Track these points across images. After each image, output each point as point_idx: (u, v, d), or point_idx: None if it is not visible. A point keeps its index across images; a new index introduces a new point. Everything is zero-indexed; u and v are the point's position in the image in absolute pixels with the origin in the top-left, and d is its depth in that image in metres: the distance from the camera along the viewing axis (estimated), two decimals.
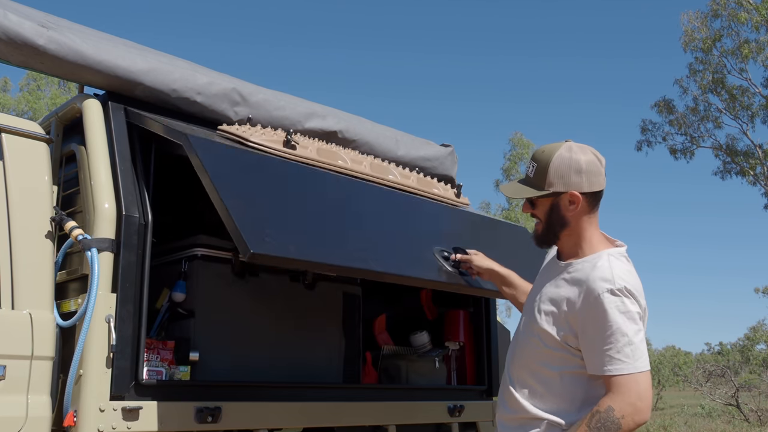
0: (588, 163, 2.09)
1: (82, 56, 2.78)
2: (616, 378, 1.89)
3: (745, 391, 20.96)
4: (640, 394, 1.88)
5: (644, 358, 1.92)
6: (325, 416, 3.03)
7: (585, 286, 2.00)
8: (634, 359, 1.90)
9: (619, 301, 1.95)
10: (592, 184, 2.09)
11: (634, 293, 1.98)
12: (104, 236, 2.56)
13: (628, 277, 2.01)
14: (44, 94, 25.21)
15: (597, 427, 1.87)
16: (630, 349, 1.91)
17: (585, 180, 2.09)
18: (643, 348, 1.94)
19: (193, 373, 2.80)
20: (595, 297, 1.96)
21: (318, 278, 3.36)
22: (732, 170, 24.49)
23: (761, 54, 22.44)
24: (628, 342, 1.91)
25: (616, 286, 1.96)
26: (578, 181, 2.09)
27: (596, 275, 1.99)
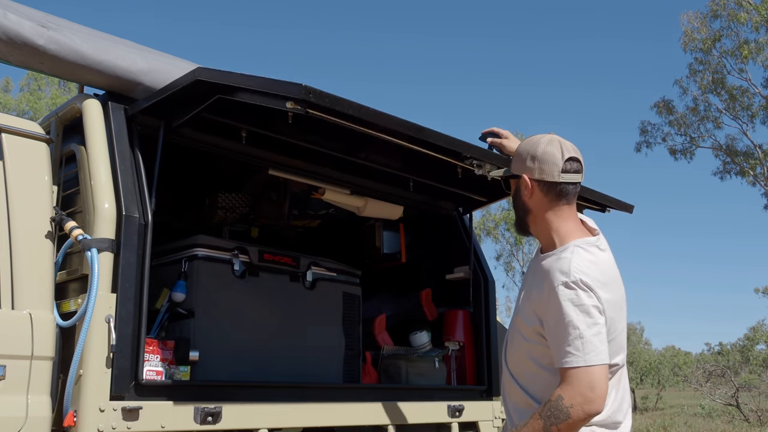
0: (544, 153, 2.12)
1: (82, 56, 2.78)
2: (567, 370, 1.93)
3: (745, 391, 20.97)
4: (591, 385, 1.90)
5: (596, 352, 1.93)
6: (325, 416, 3.03)
7: (548, 278, 2.02)
8: (584, 352, 1.92)
9: (574, 294, 1.96)
10: (542, 173, 2.12)
11: (591, 285, 1.97)
12: (104, 236, 2.56)
13: (588, 269, 2.00)
14: (45, 94, 25.22)
15: (547, 416, 1.91)
16: (580, 343, 1.93)
17: (536, 166, 2.12)
18: (597, 341, 1.94)
19: (193, 373, 2.80)
20: (552, 290, 1.99)
21: (318, 278, 3.37)
22: (732, 170, 24.50)
23: (761, 54, 22.45)
24: (579, 335, 1.93)
25: (571, 279, 1.98)
26: (530, 167, 2.14)
27: (556, 267, 2.02)
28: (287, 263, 3.26)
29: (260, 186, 3.78)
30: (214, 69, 2.54)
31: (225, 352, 2.95)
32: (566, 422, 1.90)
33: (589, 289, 1.98)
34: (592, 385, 1.90)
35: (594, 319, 1.96)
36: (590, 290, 1.98)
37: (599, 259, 2.08)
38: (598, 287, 1.99)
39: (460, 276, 4.02)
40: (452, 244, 4.14)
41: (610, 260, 2.14)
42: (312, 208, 3.96)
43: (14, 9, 2.71)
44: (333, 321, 3.40)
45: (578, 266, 2.00)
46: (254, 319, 3.09)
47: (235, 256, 3.08)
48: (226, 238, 3.67)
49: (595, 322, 1.96)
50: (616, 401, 2.08)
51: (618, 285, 2.14)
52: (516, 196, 2.22)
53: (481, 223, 30.25)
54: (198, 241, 3.01)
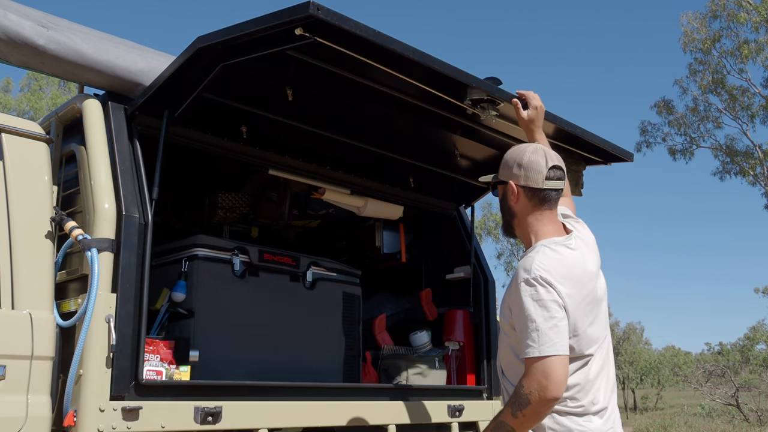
0: (530, 161, 2.30)
1: (82, 56, 2.78)
2: (526, 360, 2.10)
3: (745, 391, 20.98)
4: (545, 374, 2.05)
5: (551, 343, 2.07)
6: (325, 416, 3.03)
7: (516, 276, 2.21)
8: (539, 344, 2.07)
9: (533, 290, 2.13)
10: (527, 179, 2.29)
11: (550, 281, 2.13)
12: (104, 236, 2.56)
13: (549, 266, 2.16)
14: (45, 94, 25.22)
15: (512, 403, 2.11)
16: (536, 335, 2.09)
17: (522, 173, 2.30)
18: (553, 334, 2.09)
19: (193, 373, 2.80)
20: (517, 286, 2.17)
21: (318, 278, 3.37)
22: (731, 171, 24.50)
23: (761, 54, 22.45)
24: (535, 328, 2.10)
25: (532, 276, 2.14)
26: (517, 174, 2.31)
27: (522, 265, 2.20)
28: (287, 263, 3.26)
29: (260, 186, 3.78)
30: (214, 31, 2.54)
31: (225, 352, 2.95)
32: (527, 408, 2.06)
33: (548, 285, 2.13)
34: (546, 373, 2.05)
35: (551, 313, 2.11)
36: (549, 286, 2.13)
37: (564, 257, 2.22)
38: (558, 283, 2.14)
39: (460, 276, 4.02)
40: (452, 244, 4.14)
41: (578, 258, 2.27)
42: (312, 208, 3.96)
43: (14, 9, 2.71)
44: (333, 321, 3.40)
45: (540, 264, 2.16)
46: (254, 319, 3.09)
47: (235, 255, 3.08)
48: (226, 238, 3.67)
49: (552, 315, 2.11)
50: (591, 391, 2.21)
51: (588, 280, 2.26)
52: (503, 201, 2.39)
53: (482, 222, 30.23)
54: (198, 241, 3.01)
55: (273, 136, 3.28)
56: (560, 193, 2.34)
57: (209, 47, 2.53)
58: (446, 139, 3.59)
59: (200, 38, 2.54)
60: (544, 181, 2.29)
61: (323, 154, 3.49)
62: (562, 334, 2.11)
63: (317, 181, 3.51)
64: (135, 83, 2.92)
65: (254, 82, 2.98)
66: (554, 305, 2.12)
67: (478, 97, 2.81)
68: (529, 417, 2.09)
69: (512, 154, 2.36)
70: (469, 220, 4.17)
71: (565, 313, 2.14)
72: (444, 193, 4.10)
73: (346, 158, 3.58)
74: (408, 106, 3.10)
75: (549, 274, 2.14)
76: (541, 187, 2.29)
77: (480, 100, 2.82)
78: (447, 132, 3.49)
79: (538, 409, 2.07)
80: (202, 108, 2.89)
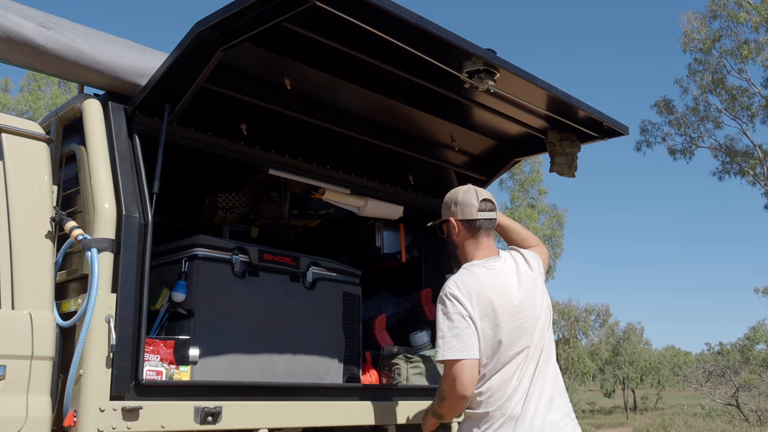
0: (463, 198, 2.77)
1: (82, 56, 2.78)
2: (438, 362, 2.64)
3: (745, 391, 20.98)
4: (453, 375, 2.51)
5: (453, 349, 2.51)
6: (325, 416, 3.03)
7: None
8: (443, 349, 2.53)
9: (442, 305, 2.60)
10: (464, 214, 2.75)
11: (459, 297, 2.57)
12: (104, 236, 2.56)
13: (462, 284, 2.60)
14: (44, 94, 25.22)
15: (437, 395, 2.65)
16: (441, 342, 2.55)
17: (459, 209, 2.77)
18: (455, 341, 2.52)
19: (193, 373, 2.80)
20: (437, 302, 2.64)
21: (318, 278, 3.37)
22: (731, 170, 24.50)
23: (761, 54, 22.45)
24: (442, 336, 2.56)
25: (444, 293, 2.61)
26: (454, 211, 2.78)
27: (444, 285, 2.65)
28: (287, 263, 3.26)
29: (260, 186, 3.78)
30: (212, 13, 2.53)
31: (225, 352, 2.95)
32: (445, 402, 2.59)
33: (455, 299, 2.57)
34: (454, 375, 2.51)
35: (455, 323, 2.54)
36: (456, 300, 2.57)
37: (478, 276, 2.64)
38: (464, 297, 2.57)
39: None
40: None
41: (494, 275, 2.67)
42: (312, 208, 3.96)
43: (15, 9, 2.71)
44: (333, 321, 3.40)
45: (453, 283, 2.62)
46: (254, 319, 3.09)
47: (235, 255, 3.08)
48: (226, 238, 3.67)
49: (455, 326, 2.54)
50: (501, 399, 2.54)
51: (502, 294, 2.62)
52: (448, 237, 2.83)
53: None
54: (198, 241, 3.01)
55: (272, 130, 3.28)
56: (493, 222, 2.78)
57: (208, 33, 2.53)
58: (444, 130, 3.60)
59: (198, 23, 2.55)
60: (477, 213, 2.74)
61: (322, 149, 3.49)
62: (466, 341, 2.52)
63: (317, 181, 3.51)
64: (135, 83, 2.92)
65: (252, 73, 2.98)
66: (458, 317, 2.54)
67: (474, 67, 2.79)
68: (447, 410, 2.62)
69: (449, 197, 2.83)
70: None
71: (471, 324, 2.54)
72: (444, 192, 4.10)
73: (344, 152, 3.57)
74: (405, 86, 3.10)
75: (458, 290, 2.58)
76: (476, 218, 2.74)
77: (477, 71, 2.80)
78: (444, 121, 3.50)
79: (452, 404, 2.57)
80: (201, 103, 2.89)
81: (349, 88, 3.16)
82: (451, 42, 2.59)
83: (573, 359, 38.85)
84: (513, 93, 3.09)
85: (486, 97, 3.18)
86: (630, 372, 39.90)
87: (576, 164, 3.56)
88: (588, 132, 3.48)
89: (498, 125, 3.56)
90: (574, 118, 3.36)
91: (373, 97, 3.25)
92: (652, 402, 36.72)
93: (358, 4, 2.34)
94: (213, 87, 2.88)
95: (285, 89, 3.00)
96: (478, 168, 3.98)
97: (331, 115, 3.32)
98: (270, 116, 3.16)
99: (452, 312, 2.55)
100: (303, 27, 2.58)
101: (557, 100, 3.15)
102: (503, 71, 2.79)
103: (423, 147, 3.73)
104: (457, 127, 3.58)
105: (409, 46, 2.65)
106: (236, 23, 2.49)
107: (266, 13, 2.41)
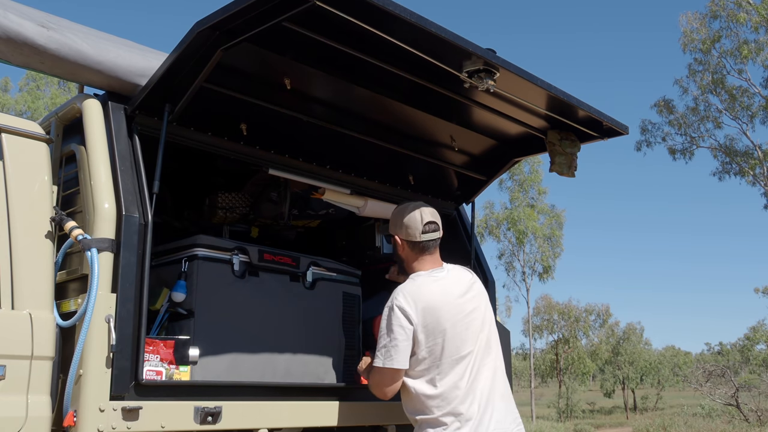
0: (408, 220, 2.90)
1: (82, 56, 2.78)
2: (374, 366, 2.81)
3: (745, 391, 20.98)
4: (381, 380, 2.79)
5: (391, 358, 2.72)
6: (325, 416, 3.03)
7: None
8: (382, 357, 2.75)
9: (387, 315, 2.77)
10: (408, 235, 2.90)
11: (404, 308, 2.74)
12: (104, 236, 2.56)
13: (409, 293, 2.77)
14: (44, 93, 25.22)
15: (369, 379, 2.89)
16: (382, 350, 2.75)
17: (403, 231, 2.91)
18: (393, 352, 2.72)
19: (193, 373, 2.79)
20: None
21: (318, 278, 3.37)
22: (731, 171, 24.50)
23: (760, 54, 22.45)
24: (383, 345, 2.75)
25: (391, 304, 2.77)
26: (399, 231, 2.93)
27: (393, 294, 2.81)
28: (287, 263, 3.26)
29: (260, 186, 3.78)
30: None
31: (225, 352, 2.95)
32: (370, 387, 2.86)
33: (400, 311, 2.74)
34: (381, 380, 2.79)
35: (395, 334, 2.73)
36: (400, 311, 2.74)
37: (424, 287, 2.81)
38: (409, 306, 2.74)
39: None
40: (452, 245, 4.14)
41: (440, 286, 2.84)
42: (312, 208, 3.96)
43: (14, 9, 2.71)
44: (333, 321, 3.40)
45: (400, 294, 2.78)
46: (254, 319, 3.09)
47: (235, 255, 3.08)
48: (226, 238, 3.67)
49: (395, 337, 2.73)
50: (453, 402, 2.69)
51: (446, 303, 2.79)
52: (394, 249, 3.03)
53: (483, 221, 30.27)
54: (198, 241, 3.01)
55: (272, 130, 3.28)
56: (437, 242, 2.93)
57: (208, 32, 2.53)
58: (444, 129, 3.60)
59: (198, 23, 2.55)
60: (421, 235, 2.88)
61: (322, 149, 3.49)
62: (401, 353, 2.71)
63: (317, 181, 3.51)
64: (135, 83, 2.92)
65: (252, 73, 2.98)
66: (399, 329, 2.72)
67: (474, 67, 2.79)
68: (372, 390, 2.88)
69: (397, 214, 2.96)
70: (469, 221, 4.17)
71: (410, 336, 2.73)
72: (443, 192, 4.10)
73: (344, 152, 3.57)
74: (405, 86, 3.09)
75: (404, 300, 2.75)
76: (419, 240, 2.88)
77: (476, 70, 2.80)
78: (444, 121, 3.50)
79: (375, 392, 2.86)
80: (201, 103, 2.89)
81: (349, 87, 3.16)
82: (451, 42, 2.59)
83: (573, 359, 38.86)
84: (513, 93, 3.09)
85: (486, 97, 3.18)
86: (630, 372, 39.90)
87: (576, 164, 3.56)
88: (588, 131, 3.48)
89: (498, 125, 3.56)
90: (574, 117, 3.36)
91: (373, 97, 3.25)
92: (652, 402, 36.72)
93: (358, 4, 2.33)
94: (213, 87, 2.88)
95: (285, 89, 3.00)
96: (477, 168, 3.98)
97: (331, 115, 3.32)
98: (270, 116, 3.16)
99: (395, 324, 2.73)
100: (303, 27, 2.58)
101: (557, 100, 3.15)
102: (503, 71, 2.79)
103: (423, 147, 3.73)
104: (457, 127, 3.58)
105: (409, 46, 2.65)
106: (236, 23, 2.48)
107: (266, 12, 2.41)
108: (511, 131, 3.67)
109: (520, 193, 30.67)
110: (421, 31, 2.52)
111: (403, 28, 2.52)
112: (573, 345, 39.04)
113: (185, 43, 2.59)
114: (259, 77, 3.03)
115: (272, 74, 3.01)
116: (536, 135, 3.60)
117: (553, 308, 38.78)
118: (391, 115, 3.46)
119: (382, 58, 2.86)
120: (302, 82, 3.06)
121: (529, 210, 30.26)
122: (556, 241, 30.89)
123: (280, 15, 2.39)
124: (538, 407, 35.28)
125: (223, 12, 2.44)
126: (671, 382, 40.35)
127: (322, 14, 2.35)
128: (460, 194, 4.16)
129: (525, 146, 3.83)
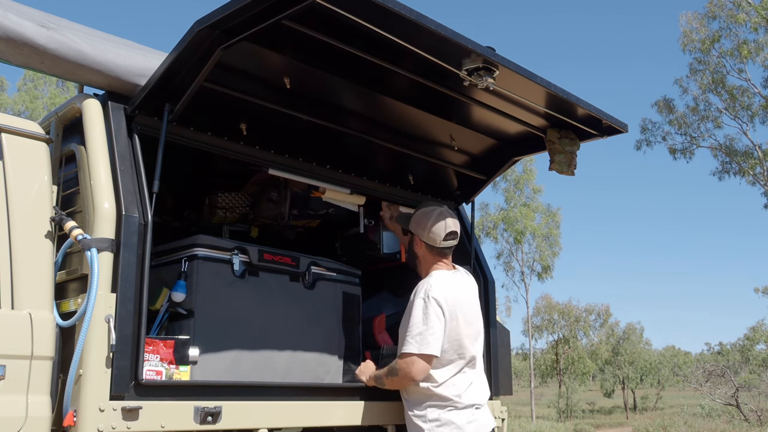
0: (433, 224, 3.13)
1: (82, 56, 2.78)
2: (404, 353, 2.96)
3: (745, 391, 20.98)
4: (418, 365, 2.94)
5: (429, 345, 2.92)
6: (325, 416, 3.03)
7: (415, 293, 3.07)
8: (420, 344, 2.93)
9: (424, 304, 2.97)
10: (429, 240, 3.15)
11: (439, 300, 2.97)
12: (104, 236, 2.56)
13: (441, 287, 3.02)
14: (42, 93, 25.20)
15: (389, 369, 3.06)
16: (418, 337, 2.94)
17: (426, 234, 3.15)
18: (431, 339, 2.92)
19: (193, 373, 2.79)
20: (413, 300, 3.04)
21: (318, 278, 3.37)
22: (731, 170, 24.50)
23: (760, 54, 22.45)
24: (419, 332, 2.94)
25: (426, 294, 2.99)
26: (421, 232, 3.16)
27: (420, 286, 3.07)
28: (287, 263, 3.26)
29: (260, 186, 3.78)
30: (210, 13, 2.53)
31: (225, 352, 2.95)
32: (394, 378, 3.02)
33: (436, 302, 2.96)
34: (415, 363, 2.94)
35: (432, 323, 2.93)
36: (436, 303, 2.96)
37: (450, 285, 3.08)
38: (443, 299, 2.98)
39: None
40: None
41: (461, 285, 3.14)
42: (312, 208, 3.96)
43: (14, 9, 2.71)
44: (333, 321, 3.40)
45: (434, 286, 3.01)
46: (254, 319, 3.09)
47: (235, 255, 3.08)
48: (226, 238, 3.66)
49: (432, 325, 2.93)
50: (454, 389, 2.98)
51: (465, 302, 3.12)
52: (410, 245, 3.26)
53: (480, 223, 30.25)
54: (198, 241, 3.01)
55: (272, 130, 3.28)
56: (452, 248, 3.19)
57: (207, 32, 2.53)
58: (443, 129, 3.60)
59: (198, 22, 2.54)
60: (442, 242, 3.14)
61: (322, 149, 3.49)
62: (438, 340, 2.92)
63: (317, 181, 3.51)
64: (135, 83, 2.92)
65: (252, 72, 2.98)
66: (435, 318, 2.93)
67: (473, 65, 2.79)
68: (393, 385, 3.06)
69: (421, 216, 3.18)
70: (468, 221, 4.17)
71: (443, 326, 2.95)
72: (443, 192, 4.10)
73: (344, 152, 3.57)
74: (405, 84, 3.09)
75: (439, 293, 2.98)
76: (439, 246, 3.15)
77: (476, 68, 2.80)
78: (443, 120, 3.50)
79: (401, 383, 3.03)
80: (201, 103, 2.89)
81: (349, 86, 3.16)
82: (451, 39, 2.59)
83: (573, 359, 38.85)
84: (512, 91, 3.09)
85: (485, 95, 3.18)
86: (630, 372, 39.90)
87: (575, 162, 3.56)
88: (587, 130, 3.48)
89: (497, 124, 3.56)
90: (574, 116, 3.36)
91: (372, 96, 3.25)
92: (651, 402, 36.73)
93: (358, 1, 2.34)
94: (213, 86, 2.87)
95: (285, 88, 3.00)
96: (477, 167, 3.98)
97: (331, 114, 3.32)
98: (270, 116, 3.16)
99: (432, 313, 2.95)
100: (302, 25, 2.58)
101: (557, 98, 3.15)
102: (502, 69, 2.79)
103: (422, 146, 3.73)
104: (457, 126, 3.58)
105: (408, 44, 2.65)
106: (235, 22, 2.48)
107: (265, 11, 2.41)
108: (511, 130, 3.67)
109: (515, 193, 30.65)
110: (420, 29, 2.52)
111: (403, 26, 2.52)
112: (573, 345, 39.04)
113: (185, 42, 2.59)
114: (258, 76, 3.03)
115: (272, 73, 3.01)
116: (536, 133, 3.60)
117: (554, 308, 38.79)
118: (390, 115, 3.46)
119: (381, 57, 2.85)
120: (302, 81, 3.06)
121: (525, 209, 30.24)
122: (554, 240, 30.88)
123: (280, 13, 2.39)
124: (538, 407, 35.28)
125: (223, 11, 2.44)
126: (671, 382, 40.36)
127: (321, 12, 2.35)
128: (459, 194, 4.16)
129: (524, 145, 3.83)
